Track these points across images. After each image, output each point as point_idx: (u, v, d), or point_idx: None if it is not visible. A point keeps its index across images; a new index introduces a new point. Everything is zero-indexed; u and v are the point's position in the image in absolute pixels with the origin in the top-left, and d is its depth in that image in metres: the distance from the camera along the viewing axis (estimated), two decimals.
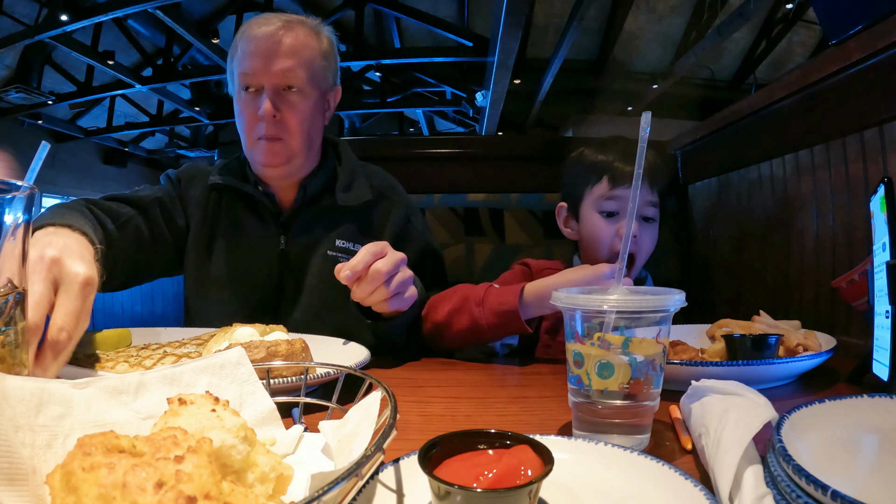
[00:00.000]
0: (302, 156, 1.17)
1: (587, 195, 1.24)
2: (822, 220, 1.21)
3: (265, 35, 1.10)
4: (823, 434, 0.47)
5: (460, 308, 1.00)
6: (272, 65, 1.10)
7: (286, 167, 1.16)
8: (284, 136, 1.13)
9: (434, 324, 1.04)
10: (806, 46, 6.94)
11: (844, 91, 1.12)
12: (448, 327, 1.01)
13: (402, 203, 1.26)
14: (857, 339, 1.01)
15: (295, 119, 1.13)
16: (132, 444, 0.36)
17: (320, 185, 1.21)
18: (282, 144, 1.13)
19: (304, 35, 1.13)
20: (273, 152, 1.14)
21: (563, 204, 1.32)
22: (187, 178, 1.26)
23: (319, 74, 1.16)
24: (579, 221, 1.28)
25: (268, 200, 1.20)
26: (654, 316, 0.55)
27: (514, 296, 0.97)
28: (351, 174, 1.23)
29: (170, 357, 0.87)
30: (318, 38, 1.16)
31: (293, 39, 1.11)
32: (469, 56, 7.06)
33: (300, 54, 1.12)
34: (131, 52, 7.95)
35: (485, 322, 0.97)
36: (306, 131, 1.15)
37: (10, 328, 0.47)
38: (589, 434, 0.57)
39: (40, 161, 0.56)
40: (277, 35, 1.10)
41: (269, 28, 1.10)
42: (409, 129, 11.71)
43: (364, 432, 0.45)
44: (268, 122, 1.11)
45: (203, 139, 11.88)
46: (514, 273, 1.27)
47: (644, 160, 0.60)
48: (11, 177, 0.50)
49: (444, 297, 1.06)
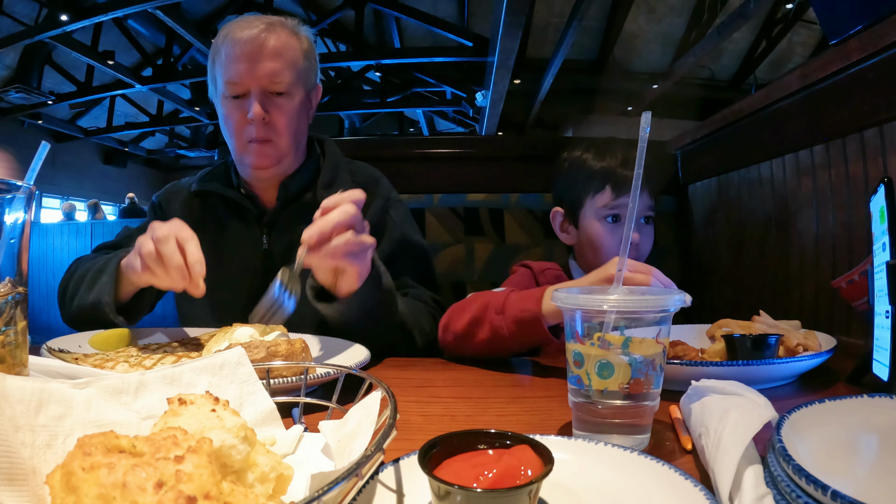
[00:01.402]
0: (290, 156, 1.19)
1: (588, 203, 1.24)
2: (822, 220, 1.21)
3: (249, 38, 1.10)
4: (823, 434, 0.47)
5: (480, 317, 0.95)
6: (259, 68, 1.10)
7: (276, 168, 1.18)
8: (274, 137, 1.14)
9: (454, 335, 0.99)
10: (806, 46, 6.95)
11: (844, 91, 1.12)
12: (469, 338, 0.97)
13: (382, 196, 1.25)
14: (857, 339, 1.01)
15: (283, 120, 1.14)
16: (132, 444, 0.36)
17: (302, 182, 1.22)
18: (272, 146, 1.14)
19: (285, 36, 1.14)
20: (264, 154, 1.15)
21: (560, 209, 1.31)
22: (167, 198, 1.30)
23: (303, 75, 1.17)
24: (579, 228, 1.27)
25: (249, 202, 1.21)
26: (654, 316, 0.55)
27: (536, 301, 0.90)
28: (334, 170, 1.24)
29: (170, 357, 0.87)
30: (299, 39, 1.17)
31: (276, 41, 1.11)
32: (469, 56, 7.07)
33: (285, 56, 1.12)
34: (131, 52, 7.96)
35: (506, 331, 0.91)
36: (294, 131, 1.16)
37: (10, 328, 0.47)
38: (589, 434, 0.57)
39: (40, 161, 0.56)
40: (261, 38, 1.10)
41: (251, 31, 1.10)
42: (409, 129, 11.72)
43: (364, 432, 0.45)
44: (258, 124, 1.11)
45: (203, 139, 11.89)
46: (521, 276, 1.25)
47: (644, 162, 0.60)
48: (11, 177, 0.50)
49: (464, 305, 1.01)
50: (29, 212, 0.48)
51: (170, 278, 0.88)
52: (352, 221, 0.86)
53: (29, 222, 0.48)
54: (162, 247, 0.87)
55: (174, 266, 0.87)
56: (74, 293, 1.08)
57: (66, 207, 9.63)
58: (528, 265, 1.27)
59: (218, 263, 1.20)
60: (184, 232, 0.90)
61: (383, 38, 8.16)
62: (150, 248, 0.88)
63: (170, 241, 0.88)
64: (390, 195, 1.28)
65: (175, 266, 0.87)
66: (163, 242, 0.88)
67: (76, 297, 1.07)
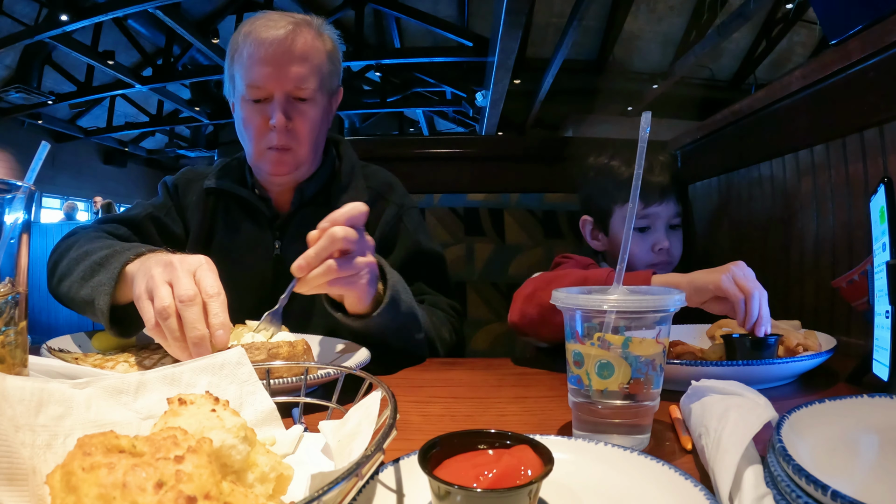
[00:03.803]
0: (308, 163, 1.16)
1: (617, 212, 1.25)
2: (822, 220, 1.21)
3: (274, 40, 1.05)
4: (823, 434, 0.47)
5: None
6: (284, 73, 1.06)
7: (293, 175, 1.15)
8: (294, 145, 1.10)
9: (542, 307, 0.94)
10: (806, 46, 6.95)
11: (844, 91, 1.12)
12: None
13: (396, 203, 1.22)
14: (857, 339, 1.01)
15: (305, 128, 1.10)
16: (132, 444, 0.36)
17: (317, 187, 1.19)
18: (291, 154, 1.11)
19: (311, 38, 1.09)
20: (283, 162, 1.11)
21: (588, 218, 1.32)
22: (184, 185, 1.24)
23: (327, 79, 1.13)
24: (609, 235, 1.28)
25: (264, 204, 1.18)
26: (654, 316, 0.55)
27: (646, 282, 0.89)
28: (349, 176, 1.22)
29: (170, 357, 0.87)
30: (323, 40, 1.13)
31: (303, 44, 1.07)
32: (469, 56, 7.07)
33: (310, 60, 1.08)
34: (131, 52, 7.96)
35: None
36: (314, 139, 1.13)
37: (9, 328, 0.47)
38: (589, 434, 0.57)
39: (40, 161, 0.56)
40: (287, 40, 1.05)
41: (277, 32, 1.05)
42: (409, 129, 11.72)
43: (364, 432, 0.45)
44: (279, 132, 1.08)
45: (203, 139, 11.89)
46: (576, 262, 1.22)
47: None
48: (11, 177, 0.50)
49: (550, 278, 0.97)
50: (29, 212, 0.48)
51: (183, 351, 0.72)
52: (343, 247, 0.81)
53: (29, 222, 0.48)
54: (185, 310, 0.72)
55: (195, 337, 0.71)
56: (65, 275, 0.98)
57: (67, 207, 9.64)
58: (572, 258, 1.24)
59: (227, 266, 1.18)
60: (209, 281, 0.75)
61: (383, 38, 8.15)
62: (167, 306, 0.72)
63: (195, 305, 0.72)
64: (404, 202, 1.24)
65: (195, 338, 0.71)
66: (187, 305, 0.72)
67: (66, 280, 0.97)
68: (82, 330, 1.00)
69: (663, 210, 1.22)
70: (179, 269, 0.76)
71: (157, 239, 1.17)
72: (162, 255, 0.84)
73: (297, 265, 0.81)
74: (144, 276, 0.77)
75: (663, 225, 1.22)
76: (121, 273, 0.87)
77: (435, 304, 1.17)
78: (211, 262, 0.79)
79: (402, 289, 0.96)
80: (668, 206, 1.22)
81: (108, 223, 1.16)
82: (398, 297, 0.93)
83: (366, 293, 0.88)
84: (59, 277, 1.00)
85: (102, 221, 1.17)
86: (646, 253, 1.20)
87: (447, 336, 1.11)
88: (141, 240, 1.14)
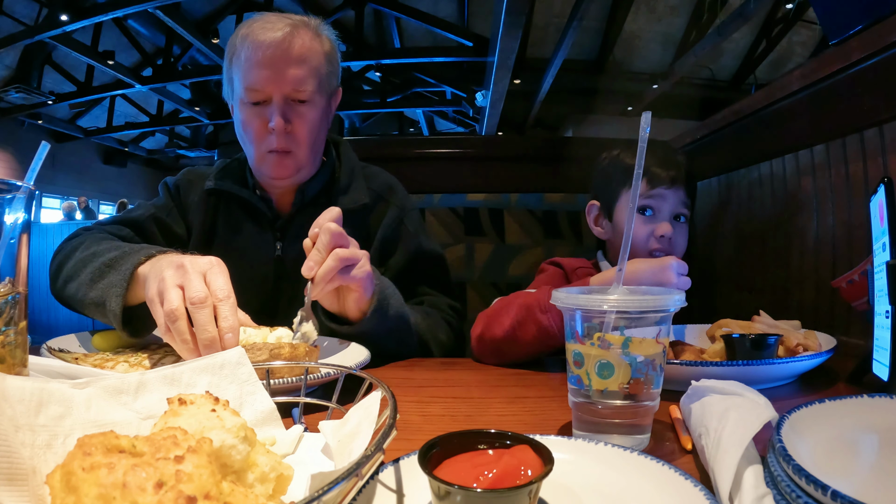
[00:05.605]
0: (309, 165, 1.16)
1: (623, 196, 1.25)
2: (822, 220, 1.21)
3: (272, 42, 1.04)
4: (823, 434, 0.47)
5: (524, 319, 0.94)
6: (282, 75, 1.06)
7: (294, 177, 1.15)
8: (294, 147, 1.10)
9: (494, 341, 0.97)
10: (806, 46, 6.96)
11: (844, 91, 1.12)
12: (513, 342, 0.95)
13: (398, 205, 1.22)
14: (857, 339, 1.01)
15: (304, 130, 1.10)
16: (132, 444, 0.36)
17: (318, 188, 1.19)
18: (291, 157, 1.11)
19: (309, 40, 1.09)
20: (283, 165, 1.11)
21: (595, 202, 1.32)
22: (185, 185, 1.24)
23: (325, 80, 1.13)
24: (613, 221, 1.28)
25: (265, 205, 1.18)
26: (654, 316, 0.55)
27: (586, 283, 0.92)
28: (350, 177, 1.21)
29: (170, 357, 0.87)
30: (321, 41, 1.13)
31: (300, 46, 1.07)
32: (469, 56, 7.08)
33: (309, 62, 1.08)
34: (131, 52, 7.97)
35: (556, 328, 0.91)
36: (314, 141, 1.13)
37: (9, 328, 0.47)
38: (589, 434, 0.57)
39: (40, 161, 0.56)
40: (285, 43, 1.05)
41: (275, 34, 1.05)
42: (409, 129, 11.72)
43: (364, 432, 0.45)
44: (279, 135, 1.08)
45: (203, 139, 11.90)
46: (550, 275, 1.24)
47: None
48: (11, 177, 0.50)
49: (497, 311, 0.99)
50: (29, 212, 0.48)
51: (192, 353, 0.73)
52: (336, 241, 0.86)
53: (29, 222, 0.48)
54: (196, 312, 0.72)
55: (205, 339, 0.71)
56: (72, 277, 0.98)
57: (67, 207, 9.64)
58: (558, 262, 1.26)
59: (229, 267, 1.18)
60: (220, 283, 0.75)
61: (383, 38, 8.16)
62: (175, 309, 0.73)
63: (205, 308, 0.73)
64: (405, 204, 1.24)
65: (206, 340, 0.71)
66: (198, 308, 0.72)
67: (73, 281, 0.97)
68: (82, 330, 0.99)
69: (671, 195, 1.20)
70: (191, 271, 0.76)
71: (160, 239, 1.18)
72: (173, 257, 0.84)
73: (307, 266, 0.84)
74: (156, 279, 0.78)
75: (669, 212, 1.21)
76: (133, 275, 0.87)
77: (435, 304, 1.17)
78: (222, 264, 0.79)
79: (390, 293, 0.98)
80: (676, 193, 1.20)
81: (111, 224, 1.17)
82: (386, 302, 0.95)
83: (370, 282, 0.91)
84: (64, 279, 1.00)
85: (105, 223, 1.18)
86: (647, 238, 1.19)
87: (443, 338, 1.12)
88: (144, 240, 1.14)
